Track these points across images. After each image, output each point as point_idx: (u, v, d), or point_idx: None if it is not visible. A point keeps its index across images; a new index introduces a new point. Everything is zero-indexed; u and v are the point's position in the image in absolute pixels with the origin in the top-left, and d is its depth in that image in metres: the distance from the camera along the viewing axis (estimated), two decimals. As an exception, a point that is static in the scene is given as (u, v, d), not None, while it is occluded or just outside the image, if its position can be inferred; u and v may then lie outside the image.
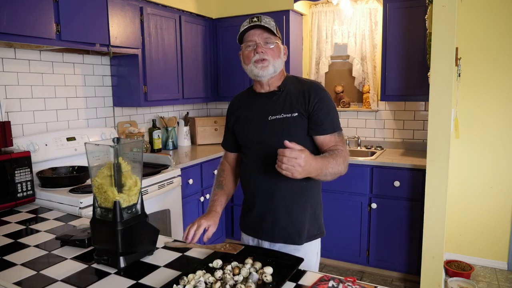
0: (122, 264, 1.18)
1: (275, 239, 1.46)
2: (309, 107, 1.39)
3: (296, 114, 1.40)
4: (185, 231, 1.39)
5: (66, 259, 1.27)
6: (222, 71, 3.65)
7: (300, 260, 1.18)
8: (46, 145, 2.31)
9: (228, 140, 1.62)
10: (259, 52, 1.39)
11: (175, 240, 1.41)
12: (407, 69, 2.99)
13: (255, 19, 1.40)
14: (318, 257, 1.54)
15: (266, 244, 1.49)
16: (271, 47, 1.41)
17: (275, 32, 1.41)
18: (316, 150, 1.44)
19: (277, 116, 1.41)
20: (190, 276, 1.07)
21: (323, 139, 1.41)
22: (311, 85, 1.44)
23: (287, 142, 1.17)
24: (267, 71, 1.40)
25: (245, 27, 1.40)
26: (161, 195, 2.47)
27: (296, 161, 1.15)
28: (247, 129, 1.48)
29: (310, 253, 1.46)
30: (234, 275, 1.09)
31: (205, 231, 1.42)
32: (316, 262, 1.51)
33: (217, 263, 1.16)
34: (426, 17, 2.67)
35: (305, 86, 1.44)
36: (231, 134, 1.59)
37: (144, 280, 1.11)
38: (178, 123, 3.59)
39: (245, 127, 1.50)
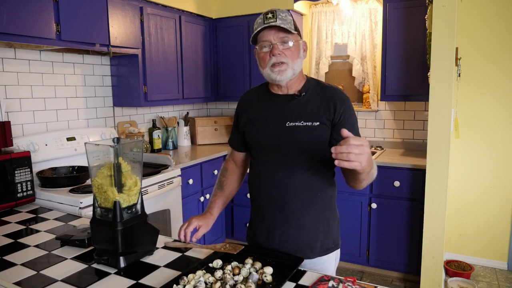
0: (122, 264, 1.18)
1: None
2: (335, 117, 1.30)
3: (318, 123, 1.29)
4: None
5: (66, 259, 1.27)
6: (222, 71, 3.65)
7: (300, 260, 1.18)
8: (46, 145, 2.31)
9: (237, 139, 1.52)
10: (276, 55, 1.27)
11: (175, 240, 1.41)
12: (407, 69, 2.99)
13: (270, 15, 1.26)
14: (336, 264, 1.45)
15: None
16: (288, 47, 1.28)
17: (292, 30, 1.27)
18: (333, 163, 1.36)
19: (296, 123, 1.30)
20: (190, 276, 1.07)
21: None
22: (336, 92, 1.34)
23: (344, 131, 1.03)
24: (285, 75, 1.29)
25: (258, 28, 1.27)
26: (161, 195, 2.47)
27: (363, 147, 1.01)
28: (261, 133, 1.37)
29: (325, 264, 1.38)
30: (234, 275, 1.09)
31: (195, 230, 1.41)
32: (333, 271, 1.43)
33: (217, 263, 1.16)
34: (426, 17, 2.67)
35: (329, 93, 1.34)
36: (240, 134, 1.48)
37: (144, 280, 1.11)
38: (178, 123, 3.59)
39: (258, 129, 1.38)
